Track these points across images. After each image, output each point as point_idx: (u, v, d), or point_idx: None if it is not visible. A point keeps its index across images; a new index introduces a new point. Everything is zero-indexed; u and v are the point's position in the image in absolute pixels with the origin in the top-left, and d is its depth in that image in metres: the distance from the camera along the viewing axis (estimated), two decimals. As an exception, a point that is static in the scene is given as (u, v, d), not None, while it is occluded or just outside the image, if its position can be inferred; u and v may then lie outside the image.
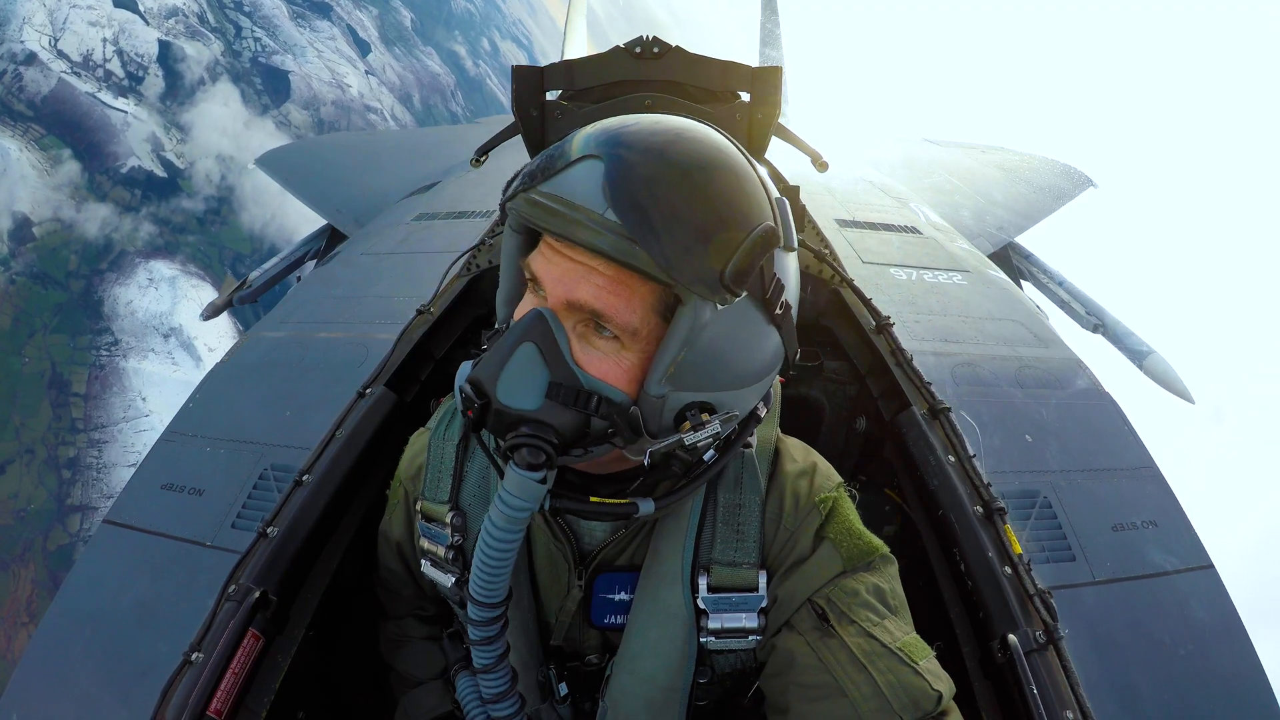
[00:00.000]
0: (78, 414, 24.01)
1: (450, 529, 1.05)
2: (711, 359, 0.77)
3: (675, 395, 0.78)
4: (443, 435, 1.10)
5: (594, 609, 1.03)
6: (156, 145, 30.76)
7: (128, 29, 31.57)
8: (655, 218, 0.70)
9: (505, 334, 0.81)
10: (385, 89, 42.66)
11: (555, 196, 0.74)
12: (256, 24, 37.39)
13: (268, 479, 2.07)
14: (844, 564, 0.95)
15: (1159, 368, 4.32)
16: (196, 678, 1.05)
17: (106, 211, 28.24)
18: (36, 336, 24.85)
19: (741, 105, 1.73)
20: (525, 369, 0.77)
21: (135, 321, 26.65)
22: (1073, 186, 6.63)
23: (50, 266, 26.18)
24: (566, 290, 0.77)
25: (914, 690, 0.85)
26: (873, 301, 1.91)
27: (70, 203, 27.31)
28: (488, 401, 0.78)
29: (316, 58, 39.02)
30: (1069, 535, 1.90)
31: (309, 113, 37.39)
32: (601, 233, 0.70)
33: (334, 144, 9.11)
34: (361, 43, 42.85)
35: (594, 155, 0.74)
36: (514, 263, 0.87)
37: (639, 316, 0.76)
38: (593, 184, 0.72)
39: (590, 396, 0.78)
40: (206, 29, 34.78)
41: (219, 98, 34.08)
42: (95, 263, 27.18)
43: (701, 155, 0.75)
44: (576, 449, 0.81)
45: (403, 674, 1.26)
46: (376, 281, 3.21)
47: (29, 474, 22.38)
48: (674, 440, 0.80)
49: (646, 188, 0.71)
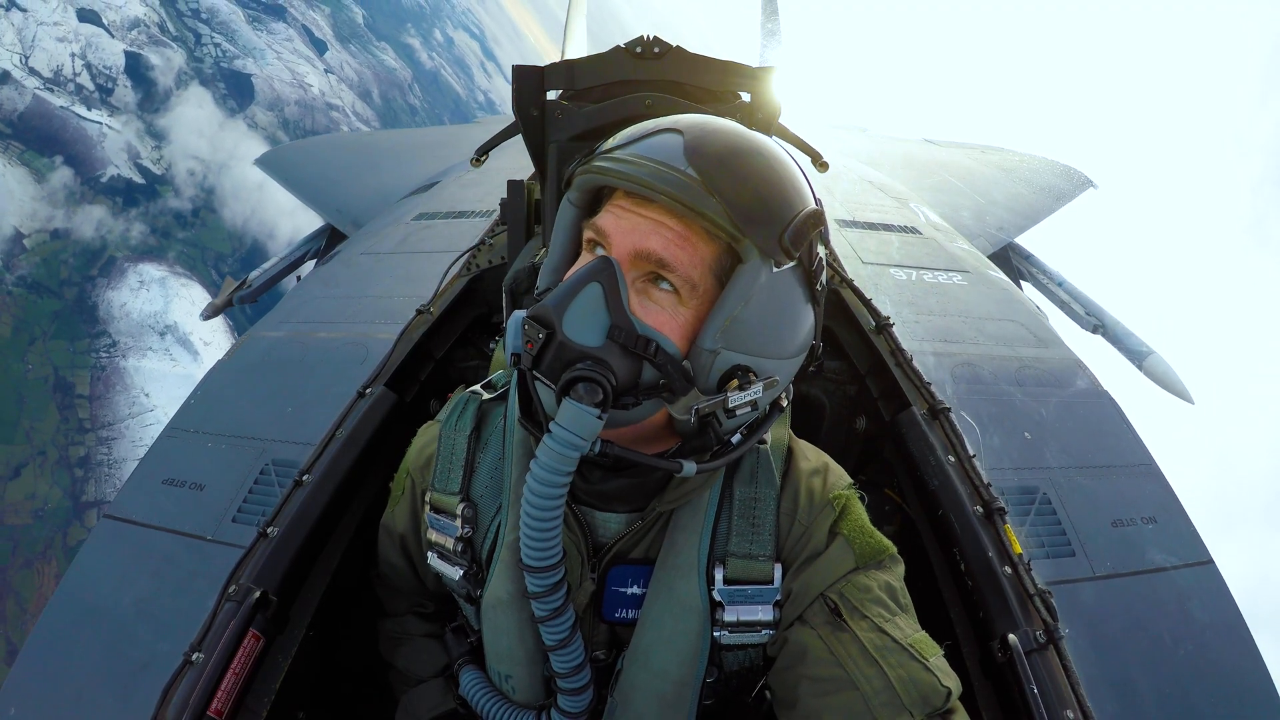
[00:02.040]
0: (84, 414, 25.01)
1: (460, 520, 1.05)
2: (761, 322, 0.82)
3: (726, 354, 0.81)
4: (454, 426, 1.10)
5: (606, 602, 1.03)
6: (133, 154, 32.04)
7: (94, 42, 32.68)
8: (729, 176, 0.78)
9: (572, 274, 0.83)
10: (345, 86, 44.18)
11: (638, 154, 0.82)
12: (215, 30, 38.67)
13: (269, 474, 2.07)
14: (857, 560, 0.96)
15: (1159, 368, 4.33)
16: (197, 678, 1.05)
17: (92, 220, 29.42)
18: (37, 343, 25.84)
19: (741, 105, 1.73)
20: (590, 307, 0.80)
21: (131, 322, 27.67)
22: (1072, 187, 6.64)
23: (43, 276, 27.26)
24: (636, 241, 0.81)
25: (924, 686, 0.86)
26: (873, 301, 1.91)
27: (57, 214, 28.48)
28: (552, 333, 0.80)
29: (276, 59, 40.53)
30: (1069, 531, 1.90)
31: (274, 114, 38.69)
32: (683, 182, 0.77)
33: (334, 144, 9.11)
34: (318, 42, 44.29)
35: (673, 129, 0.83)
36: (569, 232, 0.91)
37: (699, 272, 0.81)
38: (674, 147, 0.80)
39: (648, 343, 0.80)
40: (168, 38, 35.97)
41: (192, 101, 35.42)
42: (86, 270, 28.33)
43: (766, 145, 0.85)
44: (628, 397, 0.82)
45: (403, 672, 1.26)
46: (376, 281, 3.22)
47: (43, 475, 23.48)
48: (719, 399, 0.82)
49: (722, 153, 0.80)
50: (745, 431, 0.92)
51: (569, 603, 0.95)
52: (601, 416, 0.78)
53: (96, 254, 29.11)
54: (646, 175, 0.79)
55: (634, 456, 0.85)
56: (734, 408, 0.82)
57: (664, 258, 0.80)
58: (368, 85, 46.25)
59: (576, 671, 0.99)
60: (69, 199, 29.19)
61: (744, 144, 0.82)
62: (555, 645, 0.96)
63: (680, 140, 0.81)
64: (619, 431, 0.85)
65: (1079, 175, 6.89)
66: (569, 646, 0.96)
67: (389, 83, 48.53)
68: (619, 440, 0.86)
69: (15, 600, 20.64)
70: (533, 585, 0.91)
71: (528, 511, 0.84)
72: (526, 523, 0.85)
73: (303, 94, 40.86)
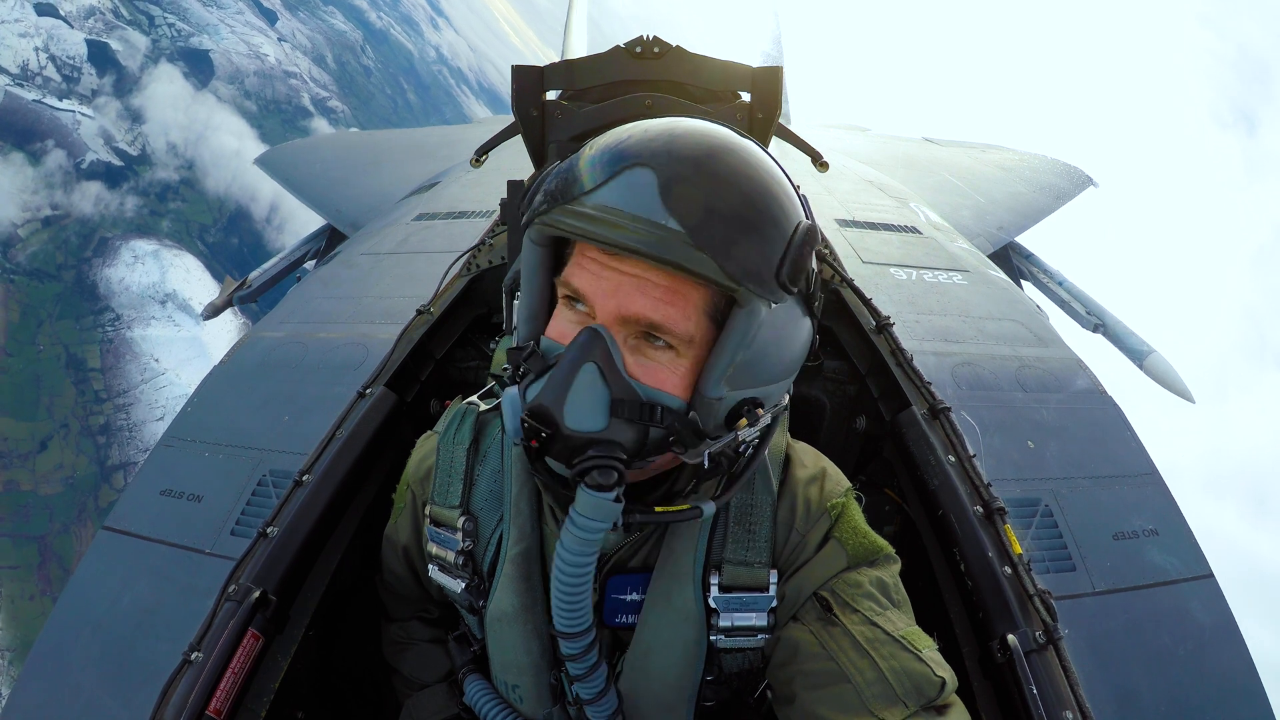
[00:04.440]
0: (99, 386, 26.75)
1: (461, 533, 1.05)
2: (764, 356, 0.80)
3: (730, 395, 0.79)
4: (452, 439, 1.09)
5: (606, 609, 1.03)
6: (108, 138, 33.28)
7: (55, 34, 33.67)
8: (717, 223, 0.71)
9: (563, 358, 0.78)
10: (300, 53, 45.12)
11: (607, 208, 0.73)
12: (167, 10, 39.60)
13: (266, 485, 2.06)
14: (849, 560, 0.96)
15: (1159, 367, 4.33)
16: (196, 677, 1.05)
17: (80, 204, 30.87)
18: (45, 325, 27.48)
19: (741, 105, 1.72)
20: (589, 391, 0.76)
21: (131, 295, 29.26)
22: (1073, 186, 6.64)
23: (41, 262, 28.80)
24: (619, 305, 0.76)
25: (917, 676, 0.85)
26: (873, 301, 1.91)
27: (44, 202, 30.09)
28: (555, 429, 0.76)
29: (230, 33, 41.37)
30: (1070, 544, 1.89)
31: (235, 87, 39.76)
32: (664, 240, 0.70)
33: (334, 144, 9.11)
34: (267, 12, 45.10)
35: (642, 164, 0.73)
36: (540, 279, 0.85)
37: (694, 323, 0.77)
38: (648, 194, 0.72)
39: (654, 408, 0.78)
40: (123, 23, 36.96)
41: (163, 78, 36.67)
42: (81, 252, 29.85)
43: (745, 161, 0.76)
44: (638, 461, 0.81)
45: (408, 677, 1.26)
46: (376, 281, 3.21)
47: (68, 446, 25.06)
48: (730, 438, 0.82)
49: (704, 194, 0.72)
50: (755, 446, 0.92)
51: (602, 662, 0.97)
52: (619, 499, 0.79)
53: (89, 236, 30.38)
54: (625, 238, 0.71)
55: (657, 519, 0.87)
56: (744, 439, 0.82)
57: (655, 320, 0.75)
58: (321, 50, 47.01)
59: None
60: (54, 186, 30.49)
61: (723, 175, 0.73)
62: (591, 699, 0.98)
63: (653, 180, 0.71)
64: (633, 474, 0.86)
65: (1079, 174, 6.89)
66: (603, 701, 0.99)
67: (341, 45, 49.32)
68: (634, 479, 0.87)
69: (58, 564, 21.99)
70: (566, 648, 0.93)
71: (558, 589, 0.87)
72: (558, 596, 0.87)
73: (260, 64, 41.75)
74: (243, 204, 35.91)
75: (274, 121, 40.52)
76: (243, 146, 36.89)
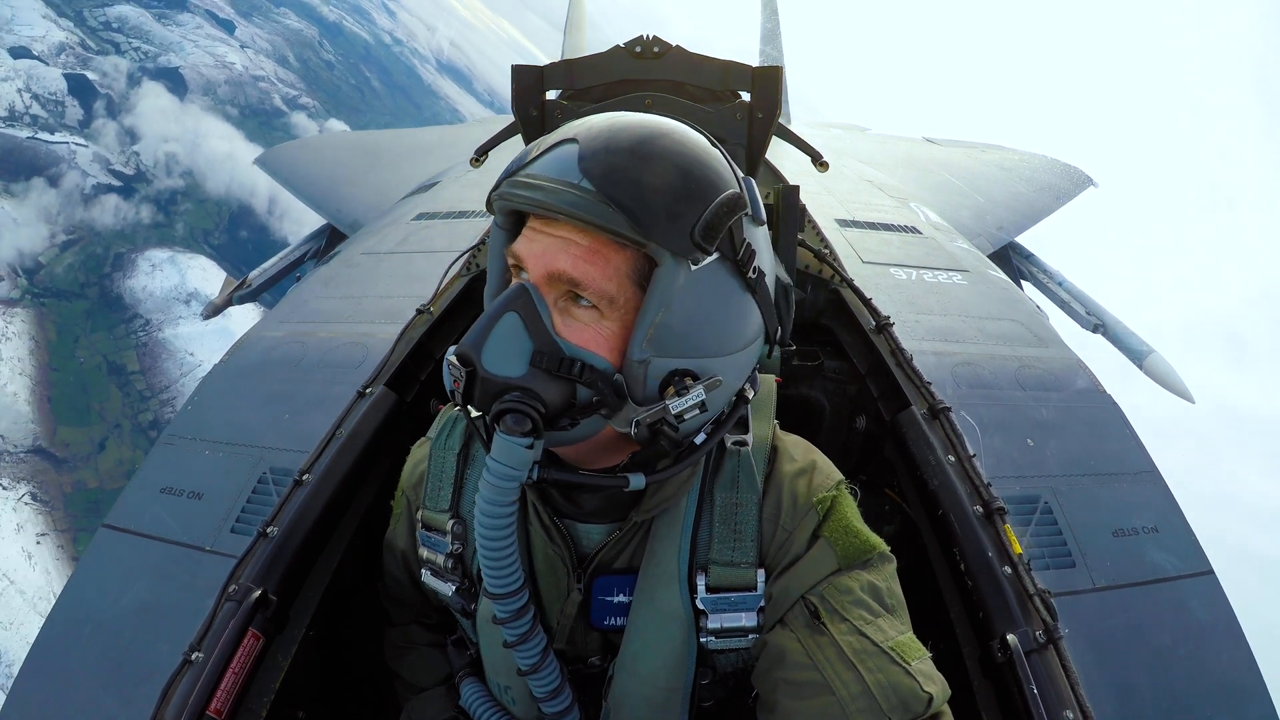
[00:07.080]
0: (141, 386, 29.16)
1: (450, 537, 1.06)
2: (690, 322, 0.80)
3: (658, 361, 0.80)
4: (444, 444, 1.10)
5: (594, 611, 1.02)
6: (104, 162, 35.21)
7: (34, 74, 35.48)
8: (626, 181, 0.75)
9: (487, 309, 0.83)
10: (263, 56, 47.13)
11: (534, 175, 0.79)
12: (130, 35, 41.46)
13: (266, 482, 2.06)
14: (839, 562, 0.94)
15: (1159, 367, 4.34)
16: (196, 677, 1.05)
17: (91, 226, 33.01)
18: (81, 340, 29.60)
19: (742, 105, 1.73)
20: (509, 337, 0.79)
21: (156, 301, 31.25)
22: (1073, 186, 6.64)
23: (65, 284, 31.07)
24: (546, 263, 0.80)
25: (903, 691, 0.84)
26: (873, 301, 1.91)
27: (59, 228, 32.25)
28: (474, 370, 0.79)
29: (195, 48, 43.33)
30: (1069, 541, 1.89)
31: (210, 98, 41.53)
32: (576, 198, 0.75)
33: (334, 144, 9.12)
34: (224, 22, 47.06)
35: (569, 139, 0.80)
36: (499, 256, 0.89)
37: (615, 284, 0.79)
38: (568, 160, 0.78)
39: (574, 363, 0.79)
40: (93, 53, 38.74)
41: (149, 94, 38.53)
42: (100, 269, 31.99)
43: (668, 131, 0.81)
44: (564, 419, 0.81)
45: (408, 680, 1.27)
46: (376, 281, 3.21)
47: (124, 443, 27.33)
48: (659, 408, 0.80)
49: (617, 157, 0.77)
50: (710, 429, 0.90)
51: (537, 627, 0.96)
52: (532, 446, 0.79)
53: (104, 253, 32.34)
54: (543, 196, 0.77)
55: (572, 479, 0.86)
56: (680, 413, 0.81)
57: (574, 276, 0.78)
58: (282, 51, 48.65)
59: (554, 695, 0.99)
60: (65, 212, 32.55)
61: (646, 141, 0.79)
62: (529, 670, 0.96)
63: (575, 150, 0.78)
64: (575, 449, 0.86)
65: (1079, 174, 6.90)
66: (542, 671, 0.97)
67: (300, 43, 51.09)
68: (575, 456, 0.88)
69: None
70: (499, 611, 0.92)
71: (481, 543, 0.86)
72: (482, 553, 0.87)
73: (229, 73, 43.55)
74: (244, 201, 37.66)
75: (254, 124, 41.94)
76: (234, 148, 38.54)
